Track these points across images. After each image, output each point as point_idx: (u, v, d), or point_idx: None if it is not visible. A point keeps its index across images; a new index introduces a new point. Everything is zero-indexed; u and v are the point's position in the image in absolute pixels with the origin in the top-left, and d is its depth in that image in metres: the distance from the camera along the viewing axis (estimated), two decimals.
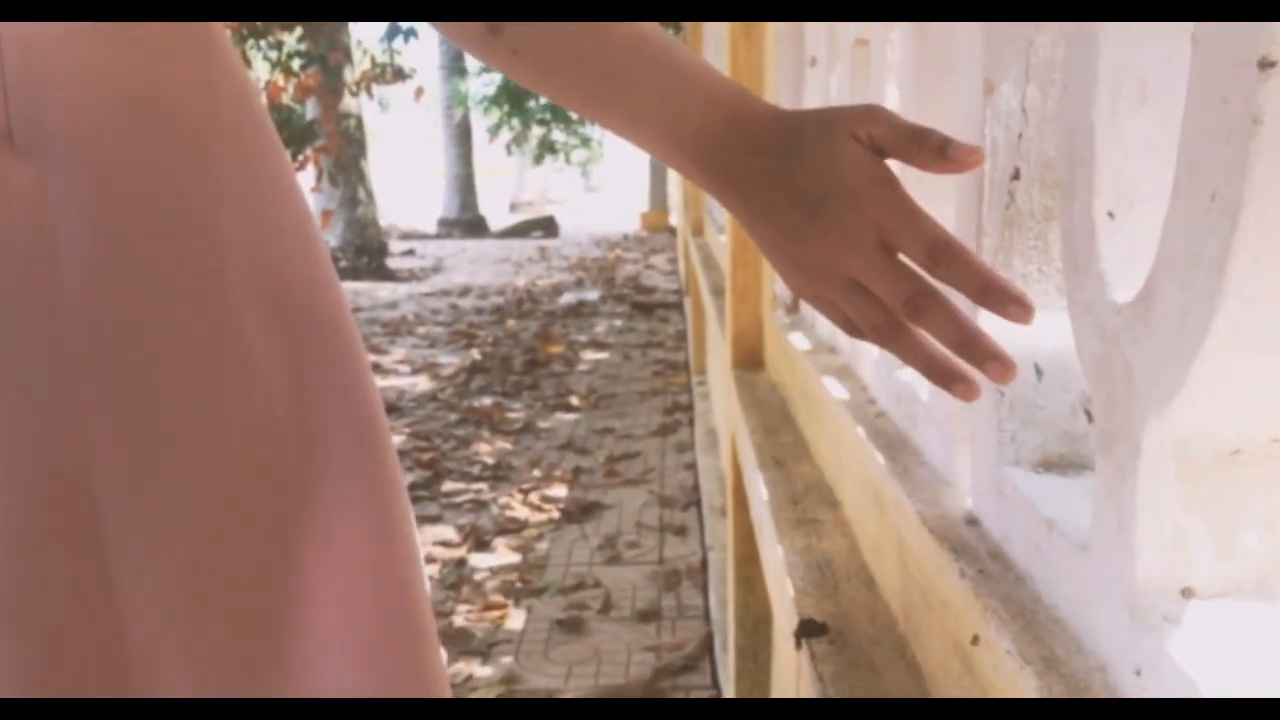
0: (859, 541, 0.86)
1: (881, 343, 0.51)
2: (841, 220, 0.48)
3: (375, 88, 8.42)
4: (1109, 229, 0.47)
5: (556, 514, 2.97)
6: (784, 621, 0.86)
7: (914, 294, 0.48)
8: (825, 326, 1.25)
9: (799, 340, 1.27)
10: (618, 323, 6.32)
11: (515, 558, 2.66)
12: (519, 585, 2.49)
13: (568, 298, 7.27)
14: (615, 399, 4.36)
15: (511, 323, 6.35)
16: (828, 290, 0.50)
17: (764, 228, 0.52)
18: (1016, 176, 0.62)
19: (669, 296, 7.20)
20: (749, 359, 1.61)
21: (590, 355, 5.33)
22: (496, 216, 15.21)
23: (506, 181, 20.95)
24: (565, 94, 0.54)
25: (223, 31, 0.51)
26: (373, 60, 8.09)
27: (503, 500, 3.09)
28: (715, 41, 3.34)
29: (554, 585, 2.48)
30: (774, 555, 0.90)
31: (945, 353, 0.50)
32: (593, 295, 7.35)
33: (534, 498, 3.08)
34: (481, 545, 2.74)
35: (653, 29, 0.52)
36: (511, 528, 2.87)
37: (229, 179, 0.47)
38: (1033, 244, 0.63)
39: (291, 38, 7.55)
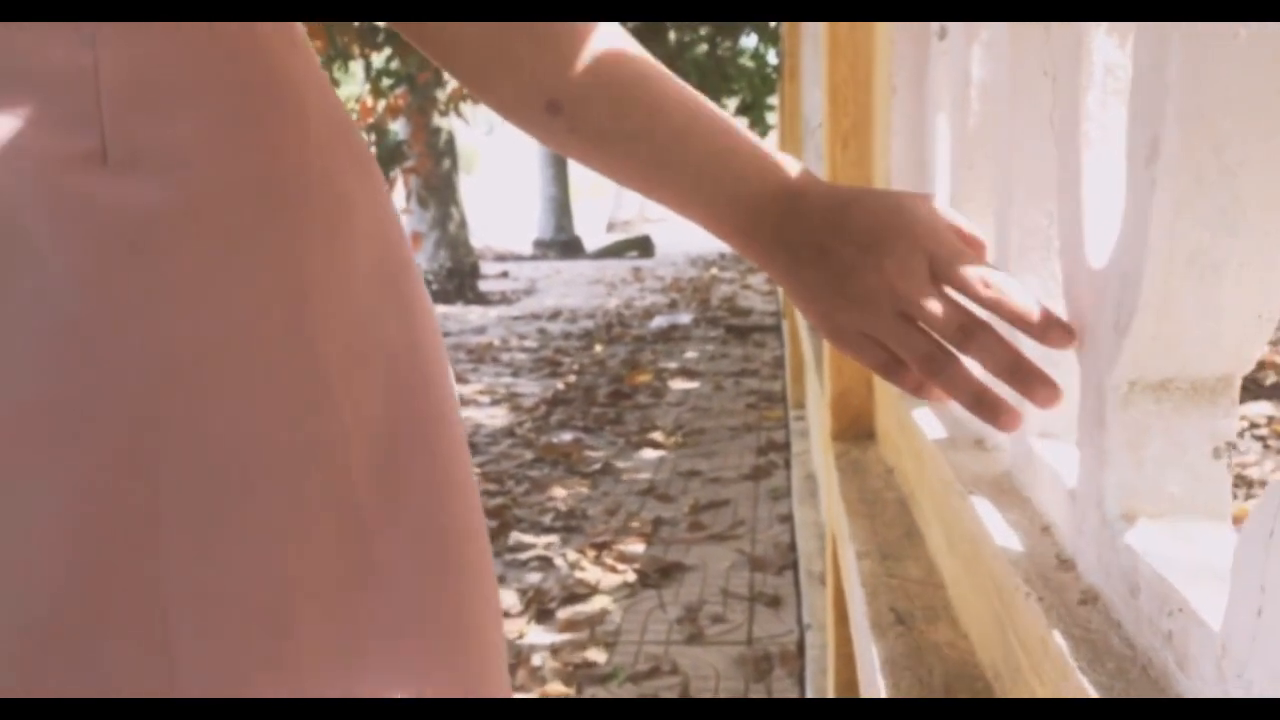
0: None
1: (931, 372, 0.50)
2: (896, 251, 0.49)
3: (467, 108, 8.27)
4: None
5: (631, 576, 2.62)
6: None
7: (966, 321, 0.49)
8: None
9: (927, 421, 0.89)
10: (710, 348, 5.96)
11: (582, 633, 2.32)
12: (583, 670, 2.15)
13: (659, 321, 6.94)
14: (704, 435, 3.99)
15: (599, 349, 6.04)
16: (875, 324, 0.50)
17: (813, 270, 0.52)
18: None
19: (766, 319, 6.82)
20: (854, 428, 1.24)
21: (679, 385, 4.98)
22: (594, 236, 15.00)
23: (605, 201, 20.80)
24: (620, 170, 0.53)
25: (314, 56, 0.49)
26: None
27: (572, 557, 2.75)
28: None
29: (623, 671, 2.13)
30: None
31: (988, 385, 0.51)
32: (685, 318, 7.00)
33: (607, 556, 2.74)
34: (544, 615, 2.41)
35: (706, 105, 0.52)
36: (581, 592, 2.53)
37: (318, 212, 0.45)
38: None
39: (380, 57, 7.43)
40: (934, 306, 0.49)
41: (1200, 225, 0.42)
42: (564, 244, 13.37)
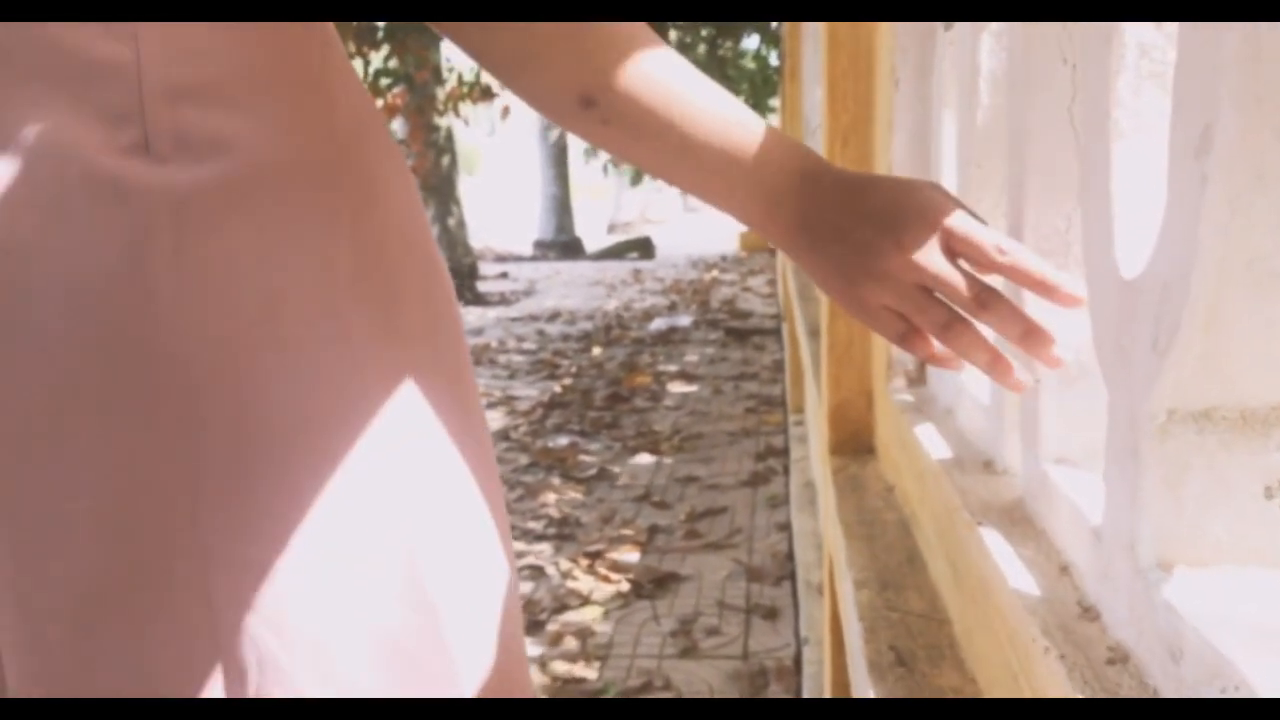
0: None
1: (950, 339, 0.52)
2: (914, 229, 0.52)
3: (470, 108, 8.20)
4: None
5: (625, 586, 2.55)
6: None
7: (981, 291, 0.51)
8: (972, 418, 0.81)
9: (932, 439, 0.83)
10: (710, 350, 5.89)
11: (572, 644, 2.25)
12: (573, 684, 2.08)
13: (658, 323, 6.87)
14: (702, 440, 3.93)
15: (597, 351, 5.97)
16: (896, 298, 0.53)
17: (833, 249, 0.54)
18: None
19: (766, 322, 6.74)
20: (853, 442, 1.18)
21: (678, 388, 4.91)
22: (595, 237, 14.91)
23: (606, 202, 20.70)
24: (651, 158, 0.55)
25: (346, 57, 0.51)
26: (459, 78, 7.86)
27: (565, 566, 2.69)
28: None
29: (614, 686, 2.07)
30: None
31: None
32: (685, 321, 6.93)
33: (600, 565, 2.67)
34: (535, 626, 2.35)
35: (726, 94, 0.54)
36: (572, 603, 2.46)
37: (348, 197, 0.47)
38: None
39: (378, 56, 7.37)
40: (953, 279, 0.51)
41: (1259, 227, 0.36)
42: (564, 245, 13.30)
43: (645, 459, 3.70)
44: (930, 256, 0.51)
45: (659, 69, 0.52)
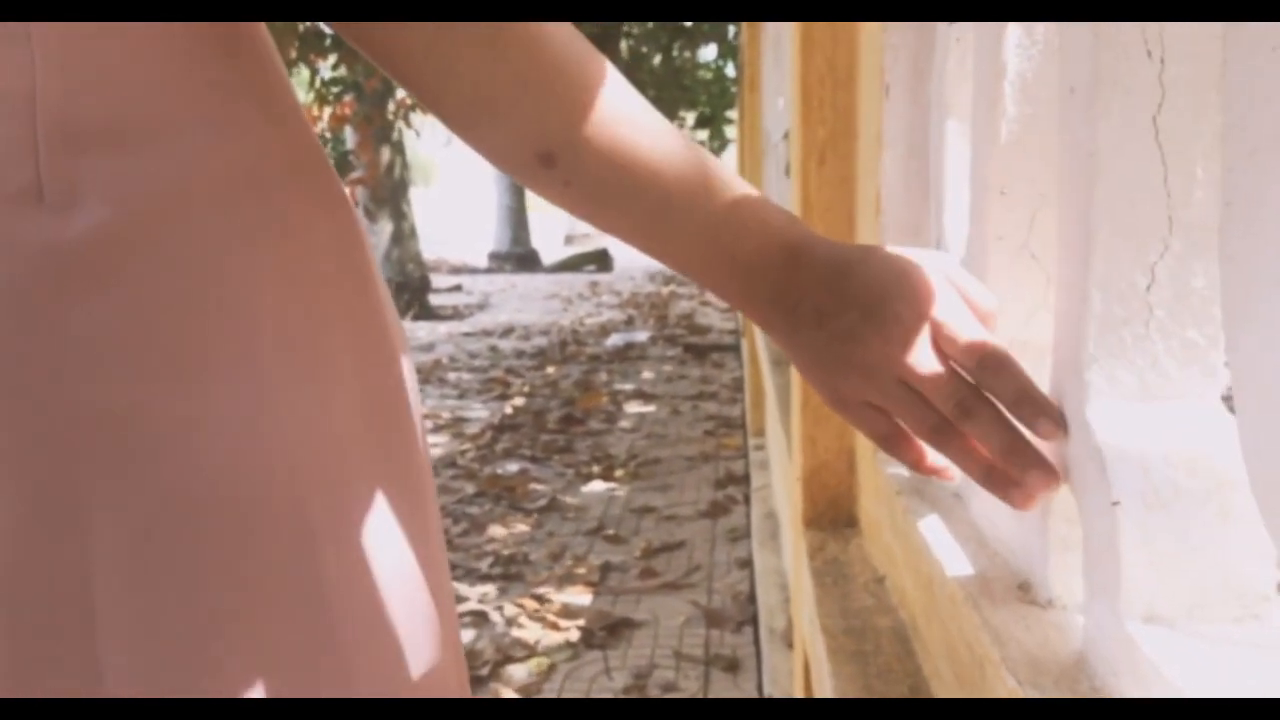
0: None
1: (939, 444, 0.48)
2: (902, 317, 0.48)
3: (421, 118, 7.98)
4: None
5: (575, 634, 2.36)
6: None
7: (965, 396, 0.47)
8: (992, 518, 0.64)
9: (939, 539, 0.65)
10: (667, 368, 5.72)
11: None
12: None
13: (615, 339, 6.69)
14: (659, 466, 3.74)
15: (551, 369, 5.77)
16: (879, 393, 0.49)
17: (812, 334, 0.50)
18: None
19: (725, 338, 6.59)
20: (831, 512, 1.00)
21: (634, 408, 4.72)
22: (551, 249, 14.71)
23: (562, 213, 20.49)
24: (618, 224, 0.51)
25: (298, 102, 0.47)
26: None
27: (510, 612, 2.48)
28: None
29: None
30: None
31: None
32: (642, 336, 6.76)
33: (548, 611, 2.47)
34: (475, 682, 2.15)
35: (706, 157, 0.50)
36: (518, 655, 2.26)
37: (268, 254, 0.42)
38: None
39: (327, 64, 7.13)
40: (935, 379, 0.47)
41: None
42: (520, 257, 13.10)
43: (599, 486, 3.51)
44: (914, 352, 0.47)
45: (629, 125, 0.47)
